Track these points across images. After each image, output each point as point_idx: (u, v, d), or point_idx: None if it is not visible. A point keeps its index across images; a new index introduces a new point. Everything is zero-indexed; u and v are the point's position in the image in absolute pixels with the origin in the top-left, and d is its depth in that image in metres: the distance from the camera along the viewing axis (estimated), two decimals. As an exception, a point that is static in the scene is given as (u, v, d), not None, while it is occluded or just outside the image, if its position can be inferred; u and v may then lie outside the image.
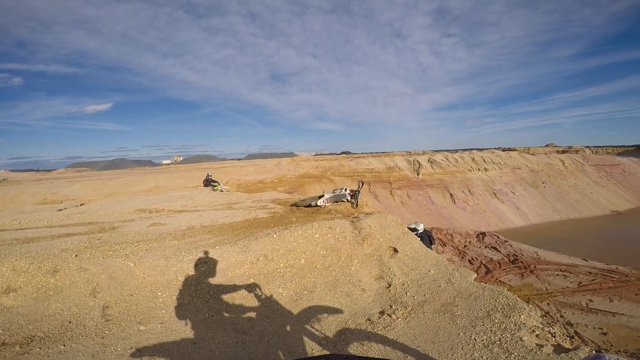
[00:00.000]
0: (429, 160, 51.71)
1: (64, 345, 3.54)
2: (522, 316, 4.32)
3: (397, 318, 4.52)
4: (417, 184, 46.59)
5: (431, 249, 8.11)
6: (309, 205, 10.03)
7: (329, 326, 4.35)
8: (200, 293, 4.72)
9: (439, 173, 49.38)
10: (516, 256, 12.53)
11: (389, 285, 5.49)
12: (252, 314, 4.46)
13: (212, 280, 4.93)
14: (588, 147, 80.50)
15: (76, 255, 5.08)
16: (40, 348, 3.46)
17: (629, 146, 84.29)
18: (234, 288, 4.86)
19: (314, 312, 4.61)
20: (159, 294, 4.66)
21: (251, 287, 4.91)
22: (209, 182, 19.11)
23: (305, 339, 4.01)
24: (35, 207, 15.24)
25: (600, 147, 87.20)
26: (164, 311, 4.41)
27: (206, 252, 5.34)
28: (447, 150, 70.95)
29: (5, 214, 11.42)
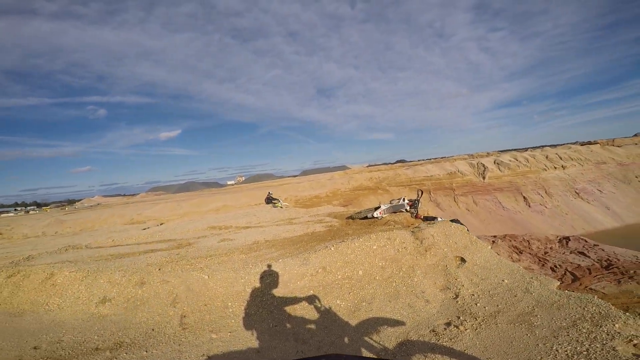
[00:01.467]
0: (495, 162, 47.93)
1: (146, 351, 3.93)
2: (616, 325, 3.74)
3: (466, 329, 4.21)
4: (483, 189, 43.33)
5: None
6: (365, 217, 9.93)
7: (388, 337, 4.20)
8: (265, 304, 4.95)
9: (508, 175, 45.42)
10: (610, 261, 10.88)
11: (457, 296, 5.15)
12: (312, 325, 4.53)
13: (276, 292, 5.14)
14: (692, 133, 67.90)
15: (159, 269, 5.71)
16: (126, 353, 3.89)
17: None
18: (295, 299, 5.00)
19: (373, 323, 4.51)
20: (229, 304, 5.00)
21: (311, 299, 5.00)
22: (270, 200, 20.27)
23: (363, 349, 3.94)
24: (124, 227, 17.46)
25: None
26: (233, 320, 4.70)
27: (270, 265, 5.59)
28: (514, 150, 65.05)
29: (101, 233, 13.26)
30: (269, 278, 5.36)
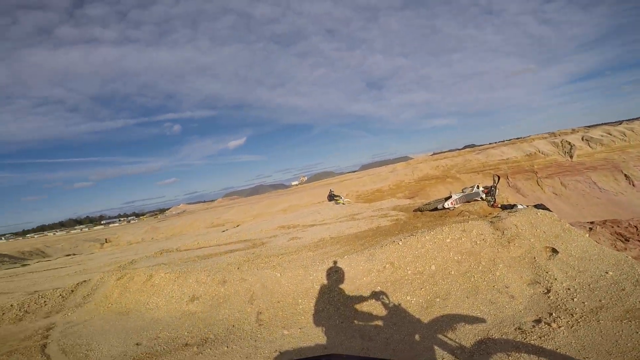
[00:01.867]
0: (583, 139, 41.88)
1: (227, 347, 4.18)
2: None
3: (560, 327, 3.66)
4: (572, 169, 38.13)
5: None
6: (435, 209, 9.35)
7: (465, 335, 3.83)
8: (332, 300, 4.95)
9: (602, 151, 39.34)
10: None
11: (548, 291, 4.53)
12: (379, 322, 4.39)
13: (343, 288, 5.11)
14: None
15: (238, 268, 6.12)
16: (210, 349, 4.19)
17: None
18: (362, 296, 4.92)
19: (448, 320, 4.17)
20: (300, 301, 5.11)
21: (378, 295, 4.87)
22: (332, 197, 20.48)
23: (436, 347, 3.65)
24: (206, 230, 19.25)
25: None
26: (302, 317, 4.79)
27: (336, 262, 5.58)
28: (605, 124, 56.14)
29: (188, 237, 14.78)
30: (335, 275, 5.36)
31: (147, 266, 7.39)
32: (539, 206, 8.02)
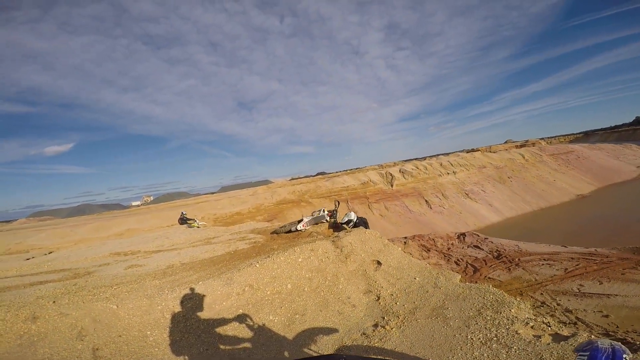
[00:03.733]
0: (400, 171, 53.00)
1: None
2: (512, 310, 4.41)
3: (392, 328, 4.51)
4: (392, 195, 47.43)
5: None
6: (289, 231, 9.96)
7: (325, 345, 4.28)
8: (190, 328, 4.61)
9: (411, 182, 50.62)
10: (499, 251, 12.83)
11: (378, 298, 5.49)
12: (247, 344, 4.37)
13: (201, 315, 4.82)
14: (542, 138, 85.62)
15: (54, 302, 4.86)
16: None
17: (577, 133, 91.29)
18: (224, 320, 4.76)
19: (309, 334, 4.55)
20: (148, 332, 4.51)
21: (242, 318, 4.82)
22: (184, 220, 18.64)
23: None
24: (-1, 257, 14.20)
25: (552, 137, 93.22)
26: (156, 349, 4.27)
27: (191, 289, 5.20)
28: (415, 159, 73.17)
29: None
30: (190, 302, 4.99)
31: None
32: (361, 219, 9.73)
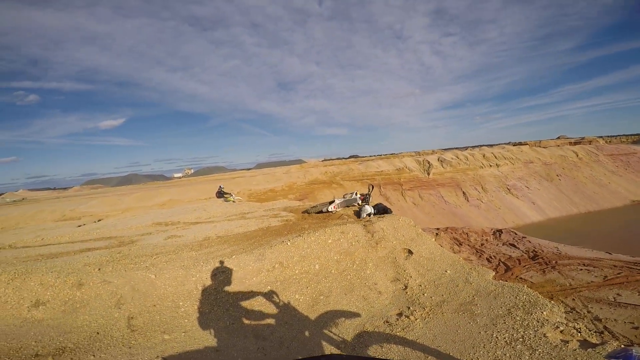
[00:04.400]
0: (438, 159, 51.16)
1: (94, 356, 3.67)
2: (544, 312, 4.26)
3: (416, 319, 4.52)
4: (428, 184, 46.08)
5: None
6: (320, 212, 10.10)
7: (346, 330, 4.39)
8: (220, 302, 4.84)
9: (450, 171, 48.77)
10: (536, 252, 12.16)
11: (406, 287, 5.49)
12: (271, 321, 4.55)
13: (231, 289, 5.05)
14: (601, 137, 78.02)
15: (99, 269, 5.28)
16: (71, 359, 3.59)
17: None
18: (252, 296, 4.96)
19: (331, 316, 4.67)
20: (181, 303, 4.80)
21: (269, 295, 5.01)
22: (221, 194, 19.38)
23: (324, 343, 4.06)
24: (55, 224, 15.74)
25: (613, 136, 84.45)
26: (186, 320, 4.54)
27: (223, 262, 5.46)
28: (456, 148, 70.00)
29: (28, 232, 11.82)
30: (223, 275, 5.24)
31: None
32: (379, 205, 9.56)
